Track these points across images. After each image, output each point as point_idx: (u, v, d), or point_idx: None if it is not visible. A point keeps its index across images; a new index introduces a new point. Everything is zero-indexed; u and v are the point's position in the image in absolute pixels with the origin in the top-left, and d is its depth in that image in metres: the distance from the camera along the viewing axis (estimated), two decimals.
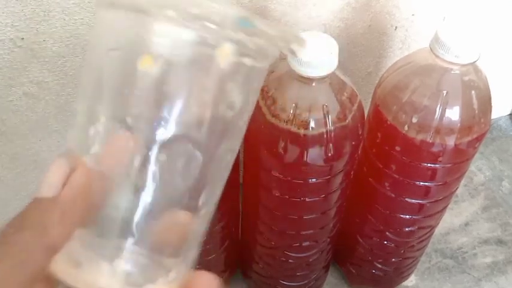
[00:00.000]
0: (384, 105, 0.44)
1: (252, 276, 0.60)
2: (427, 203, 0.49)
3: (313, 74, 0.38)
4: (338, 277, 0.66)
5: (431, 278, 0.66)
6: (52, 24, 0.45)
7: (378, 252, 0.57)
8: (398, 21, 0.60)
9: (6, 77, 0.47)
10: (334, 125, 0.40)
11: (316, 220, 0.48)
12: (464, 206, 0.74)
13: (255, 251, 0.55)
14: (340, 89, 0.41)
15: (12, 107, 0.49)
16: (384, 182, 0.49)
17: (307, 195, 0.45)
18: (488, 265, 0.68)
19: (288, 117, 0.40)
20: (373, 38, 0.61)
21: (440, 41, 0.40)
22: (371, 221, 0.54)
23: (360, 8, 0.56)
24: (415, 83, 0.42)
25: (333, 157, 0.41)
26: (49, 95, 0.50)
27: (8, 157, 0.54)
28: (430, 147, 0.43)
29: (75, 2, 0.44)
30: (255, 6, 0.51)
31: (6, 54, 0.45)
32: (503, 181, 0.78)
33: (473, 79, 0.42)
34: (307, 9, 0.54)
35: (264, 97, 0.42)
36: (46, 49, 0.46)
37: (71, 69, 0.49)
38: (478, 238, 0.71)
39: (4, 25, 0.43)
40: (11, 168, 0.55)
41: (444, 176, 0.46)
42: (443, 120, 0.41)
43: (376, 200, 0.51)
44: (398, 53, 0.64)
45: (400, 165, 0.46)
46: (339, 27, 0.57)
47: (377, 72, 0.65)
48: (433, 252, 0.69)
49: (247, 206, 0.52)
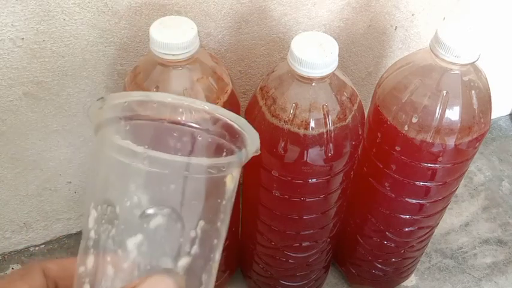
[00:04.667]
0: (384, 105, 0.44)
1: (252, 276, 0.60)
2: (427, 203, 0.49)
3: (313, 74, 0.38)
4: (338, 277, 0.66)
5: (431, 278, 0.66)
6: (52, 24, 0.45)
7: (378, 252, 0.57)
8: (398, 21, 0.60)
9: (6, 77, 0.47)
10: (334, 125, 0.40)
11: (316, 220, 0.48)
12: (464, 206, 0.74)
13: (255, 251, 0.55)
14: (340, 89, 0.41)
15: (12, 107, 0.49)
16: (384, 182, 0.49)
17: (307, 195, 0.45)
18: (488, 265, 0.68)
19: (288, 117, 0.40)
20: (373, 38, 0.61)
21: (440, 41, 0.40)
22: (371, 221, 0.54)
23: (360, 8, 0.56)
24: (415, 83, 0.42)
25: (333, 157, 0.41)
26: (49, 95, 0.50)
27: (8, 157, 0.54)
28: (430, 147, 0.43)
29: (75, 2, 0.44)
30: (255, 6, 0.51)
31: (6, 54, 0.45)
32: (503, 181, 0.78)
33: (473, 79, 0.42)
34: (307, 9, 0.54)
35: (264, 97, 0.42)
36: (46, 49, 0.46)
37: (71, 69, 0.49)
38: (478, 238, 0.71)
39: (4, 25, 0.43)
40: (11, 168, 0.55)
41: (444, 176, 0.46)
42: (443, 120, 0.41)
43: (376, 200, 0.51)
44: (398, 53, 0.64)
45: (400, 165, 0.46)
46: (339, 27, 0.57)
47: (377, 72, 0.65)
48: (433, 252, 0.69)
49: (247, 206, 0.52)
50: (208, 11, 0.50)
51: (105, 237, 0.23)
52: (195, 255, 0.23)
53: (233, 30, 0.52)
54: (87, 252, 0.23)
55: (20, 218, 0.61)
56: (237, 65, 0.56)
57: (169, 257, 0.23)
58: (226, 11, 0.50)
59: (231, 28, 0.52)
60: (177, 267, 0.23)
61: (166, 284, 0.22)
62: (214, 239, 0.24)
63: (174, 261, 0.23)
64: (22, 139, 0.53)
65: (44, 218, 0.63)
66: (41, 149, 0.55)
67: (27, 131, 0.52)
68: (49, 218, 0.63)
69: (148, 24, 0.42)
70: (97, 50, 0.48)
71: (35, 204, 0.60)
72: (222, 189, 0.24)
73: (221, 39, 0.53)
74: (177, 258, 0.23)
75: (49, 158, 0.56)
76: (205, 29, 0.51)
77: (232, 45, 0.54)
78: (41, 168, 0.57)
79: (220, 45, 0.53)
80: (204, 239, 0.23)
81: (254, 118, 0.42)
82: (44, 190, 0.59)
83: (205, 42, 0.52)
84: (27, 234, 0.63)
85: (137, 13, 0.47)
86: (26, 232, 0.63)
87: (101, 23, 0.46)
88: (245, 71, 0.57)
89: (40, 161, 0.56)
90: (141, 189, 0.22)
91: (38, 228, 0.63)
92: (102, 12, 0.46)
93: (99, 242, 0.23)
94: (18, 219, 0.61)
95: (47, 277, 0.25)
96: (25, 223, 0.62)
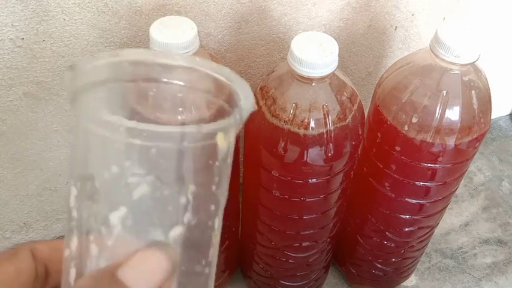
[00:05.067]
0: (384, 105, 0.44)
1: (252, 276, 0.60)
2: (427, 203, 0.49)
3: (313, 74, 0.38)
4: (338, 277, 0.66)
5: (431, 278, 0.66)
6: (52, 24, 0.45)
7: (378, 252, 0.57)
8: (398, 21, 0.60)
9: (6, 77, 0.47)
10: (334, 125, 0.40)
11: (316, 220, 0.48)
12: (464, 206, 0.74)
13: (255, 251, 0.55)
14: (340, 89, 0.41)
15: (12, 107, 0.49)
16: (384, 182, 0.49)
17: (307, 195, 0.45)
18: (488, 265, 0.68)
19: (288, 117, 0.40)
20: (373, 38, 0.61)
21: (440, 41, 0.40)
22: (371, 221, 0.54)
23: (360, 8, 0.56)
24: (415, 83, 0.42)
25: (333, 157, 0.41)
26: (49, 95, 0.50)
27: (8, 157, 0.54)
28: (430, 147, 0.43)
29: (75, 2, 0.44)
30: (255, 6, 0.51)
31: (6, 54, 0.45)
32: (503, 181, 0.78)
33: (473, 79, 0.42)
34: (307, 9, 0.54)
35: (264, 97, 0.42)
36: (46, 49, 0.46)
37: None
38: (478, 238, 0.71)
39: (4, 25, 0.43)
40: (11, 168, 0.55)
41: (444, 176, 0.46)
42: (443, 120, 0.41)
43: (376, 200, 0.51)
44: (398, 53, 0.64)
45: (400, 165, 0.46)
46: (339, 27, 0.57)
47: (377, 72, 0.65)
48: (433, 252, 0.69)
49: (247, 206, 0.52)
50: (208, 11, 0.50)
51: (87, 215, 0.21)
52: (189, 224, 0.21)
53: (233, 30, 0.52)
54: (71, 234, 0.21)
55: (20, 218, 0.61)
56: (237, 65, 0.56)
57: (158, 228, 0.20)
58: (226, 11, 0.50)
59: (231, 28, 0.52)
60: (169, 239, 0.21)
61: (157, 258, 0.20)
62: (210, 205, 0.22)
63: (165, 232, 0.20)
64: (22, 139, 0.53)
65: (44, 218, 0.63)
66: (41, 149, 0.55)
67: (27, 131, 0.52)
68: (49, 218, 0.63)
69: (148, 24, 0.42)
70: (97, 50, 0.48)
71: (35, 204, 0.60)
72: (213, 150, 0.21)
73: (221, 39, 0.53)
74: (168, 229, 0.21)
75: (49, 158, 0.56)
76: (205, 29, 0.51)
77: (232, 45, 0.54)
78: (41, 168, 0.56)
79: (220, 45, 0.53)
80: (197, 205, 0.21)
81: (254, 118, 0.42)
82: (44, 190, 0.59)
83: (205, 42, 0.52)
84: (27, 234, 0.63)
85: (137, 13, 0.47)
86: (26, 232, 0.63)
87: (101, 23, 0.46)
88: (245, 71, 0.57)
89: (40, 161, 0.56)
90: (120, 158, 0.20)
91: (38, 228, 0.63)
92: (102, 12, 0.45)
93: (81, 221, 0.21)
94: (18, 219, 0.61)
95: (36, 259, 0.23)
96: (25, 223, 0.62)
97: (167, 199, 0.21)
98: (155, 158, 0.20)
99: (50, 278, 0.24)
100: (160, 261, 0.20)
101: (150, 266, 0.19)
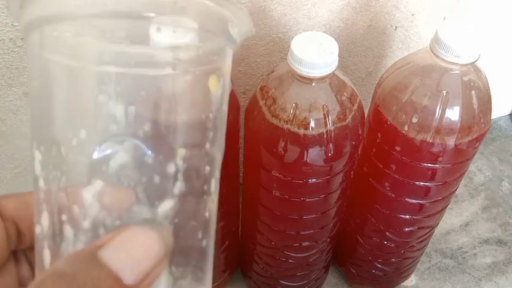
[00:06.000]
0: (384, 105, 0.44)
1: (252, 276, 0.60)
2: (427, 203, 0.49)
3: (313, 74, 0.38)
4: (338, 277, 0.66)
5: (431, 278, 0.66)
6: None
7: (378, 252, 0.57)
8: (398, 21, 0.60)
9: (6, 77, 0.47)
10: (334, 125, 0.40)
11: (316, 220, 0.48)
12: (464, 206, 0.74)
13: (255, 251, 0.55)
14: (340, 89, 0.41)
15: (12, 107, 0.49)
16: (384, 182, 0.49)
17: (307, 195, 0.45)
18: (488, 265, 0.68)
19: (288, 117, 0.40)
20: (373, 38, 0.61)
21: (440, 41, 0.40)
22: (371, 221, 0.54)
23: (360, 8, 0.56)
24: (415, 83, 0.42)
25: (333, 157, 0.41)
26: None
27: (8, 157, 0.54)
28: (430, 147, 0.43)
29: None
30: (255, 6, 0.51)
31: (6, 54, 0.45)
32: (503, 181, 0.78)
33: (473, 79, 0.42)
34: (307, 9, 0.54)
35: (264, 97, 0.42)
36: None
37: None
38: (478, 238, 0.71)
39: (4, 25, 0.43)
40: (10, 168, 0.55)
41: (444, 176, 0.46)
42: (443, 120, 0.41)
43: (376, 200, 0.51)
44: (398, 53, 0.64)
45: (400, 165, 0.46)
46: (339, 27, 0.57)
47: (377, 72, 0.65)
48: (433, 252, 0.69)
49: (247, 206, 0.52)
50: None
51: (56, 189, 0.17)
52: (182, 194, 0.18)
53: None
54: (40, 208, 0.18)
55: None
56: (237, 65, 0.56)
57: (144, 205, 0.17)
58: None
59: None
60: (158, 215, 0.17)
61: (147, 236, 0.16)
62: (205, 166, 0.19)
63: (152, 208, 0.17)
64: (22, 139, 0.53)
65: None
66: None
67: (27, 131, 0.52)
68: None
69: None
70: None
71: None
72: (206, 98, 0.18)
73: None
74: (156, 204, 0.17)
75: None
76: None
77: None
78: None
79: None
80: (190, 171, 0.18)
81: (254, 118, 0.42)
82: None
83: None
84: None
85: None
86: None
87: None
88: (245, 71, 0.57)
89: None
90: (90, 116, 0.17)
91: None
92: None
93: (50, 195, 0.17)
94: None
95: (3, 217, 0.20)
96: None
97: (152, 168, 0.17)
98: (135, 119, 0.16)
99: (23, 236, 0.21)
100: (150, 241, 0.16)
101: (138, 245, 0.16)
